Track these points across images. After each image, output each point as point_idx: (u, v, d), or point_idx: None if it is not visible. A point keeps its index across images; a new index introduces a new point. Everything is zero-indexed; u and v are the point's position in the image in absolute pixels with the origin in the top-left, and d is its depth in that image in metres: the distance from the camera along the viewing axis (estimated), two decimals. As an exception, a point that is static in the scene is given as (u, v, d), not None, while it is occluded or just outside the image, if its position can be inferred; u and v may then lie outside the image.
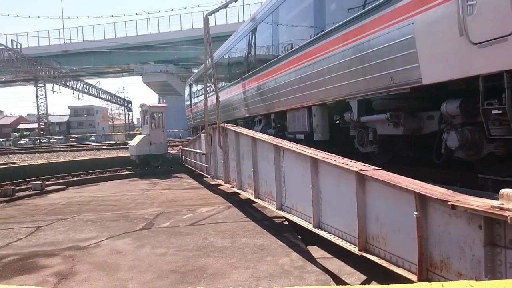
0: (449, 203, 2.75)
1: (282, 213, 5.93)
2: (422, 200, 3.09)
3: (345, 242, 4.21)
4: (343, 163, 4.22)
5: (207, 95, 10.95)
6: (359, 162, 4.19)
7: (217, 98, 9.74)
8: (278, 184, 6.01)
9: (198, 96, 21.55)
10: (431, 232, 3.05)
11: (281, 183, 5.93)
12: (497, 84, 3.79)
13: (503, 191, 2.56)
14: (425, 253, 3.07)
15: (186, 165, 15.94)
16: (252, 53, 11.65)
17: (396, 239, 3.45)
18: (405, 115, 5.53)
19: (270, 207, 6.41)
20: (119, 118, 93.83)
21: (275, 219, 6.93)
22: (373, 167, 4.00)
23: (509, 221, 2.34)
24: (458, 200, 2.78)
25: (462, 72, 4.11)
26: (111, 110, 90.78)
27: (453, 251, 2.85)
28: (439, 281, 2.89)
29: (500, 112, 3.77)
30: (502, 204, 2.49)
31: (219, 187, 10.89)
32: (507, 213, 2.38)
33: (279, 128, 10.43)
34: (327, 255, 5.21)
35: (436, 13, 4.35)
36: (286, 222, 6.51)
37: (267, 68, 10.12)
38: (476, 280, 2.58)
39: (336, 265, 4.88)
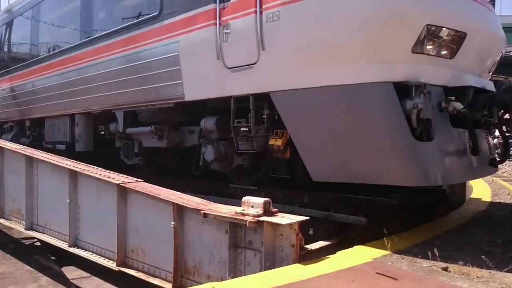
0: (202, 211, 2.97)
1: (32, 233, 5.23)
2: (180, 210, 3.25)
3: (103, 258, 4.02)
4: (104, 176, 4.05)
5: None
6: (122, 175, 4.10)
7: None
8: (29, 201, 5.29)
9: None
10: (187, 240, 3.23)
11: (33, 198, 5.26)
12: (246, 105, 4.36)
13: (245, 198, 2.93)
14: (180, 261, 3.22)
15: None
16: (6, 49, 10.07)
17: (155, 250, 3.51)
18: (169, 129, 5.73)
19: (18, 228, 5.56)
20: None
21: (24, 241, 6.05)
22: (136, 179, 3.98)
23: (248, 224, 2.70)
24: (210, 209, 3.04)
25: (218, 92, 4.56)
26: None
27: (204, 256, 3.09)
28: (191, 285, 3.08)
29: (246, 129, 4.34)
30: (244, 210, 2.85)
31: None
32: (246, 218, 2.74)
33: (35, 137, 9.22)
34: (85, 274, 4.87)
35: (198, 36, 4.70)
36: (38, 243, 5.76)
37: (23, 68, 8.88)
38: (222, 280, 2.86)
39: (94, 283, 4.61)
